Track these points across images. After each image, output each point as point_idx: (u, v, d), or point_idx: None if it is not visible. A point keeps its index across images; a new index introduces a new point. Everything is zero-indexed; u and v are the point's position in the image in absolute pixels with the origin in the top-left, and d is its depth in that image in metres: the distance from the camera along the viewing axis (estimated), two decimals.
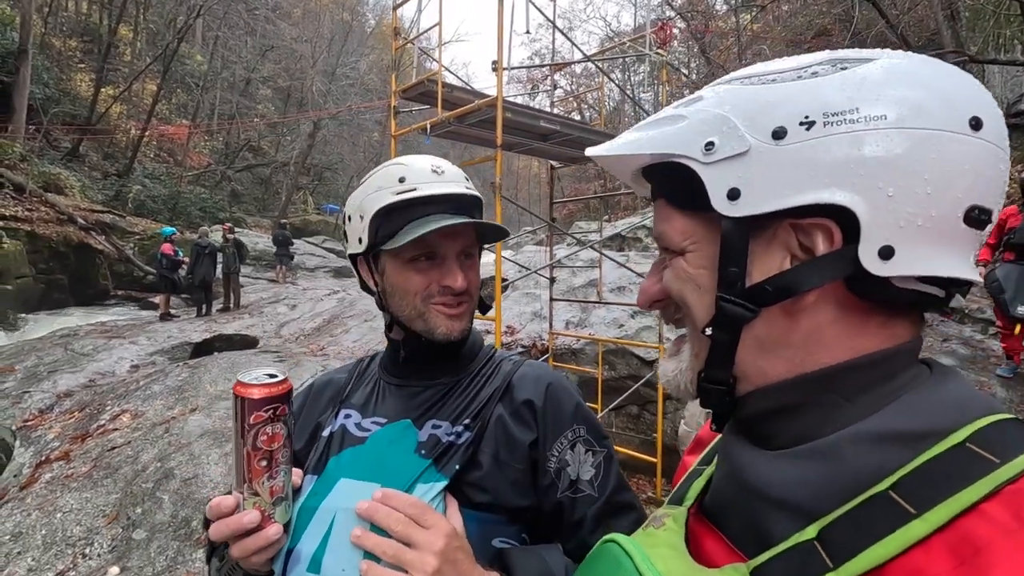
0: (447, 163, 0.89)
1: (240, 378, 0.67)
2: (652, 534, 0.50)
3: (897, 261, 0.38)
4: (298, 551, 0.71)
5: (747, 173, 0.41)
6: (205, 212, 20.91)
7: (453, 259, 0.84)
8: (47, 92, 18.42)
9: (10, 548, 3.32)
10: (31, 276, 12.63)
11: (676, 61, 25.09)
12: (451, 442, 0.79)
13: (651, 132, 0.47)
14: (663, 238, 0.48)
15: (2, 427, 4.95)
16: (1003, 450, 0.35)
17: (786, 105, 0.40)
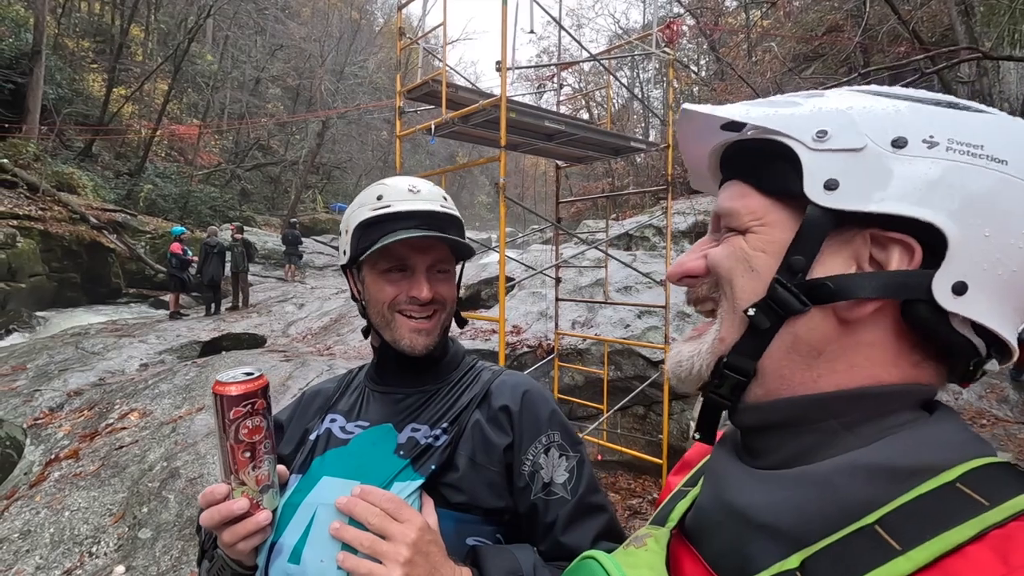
0: (426, 183, 0.95)
1: (218, 378, 0.72)
2: (633, 553, 0.50)
3: (967, 300, 0.38)
4: (281, 543, 0.75)
5: (853, 169, 0.40)
6: (215, 211, 21.09)
7: (422, 272, 0.89)
8: (60, 92, 18.64)
9: (19, 546, 3.37)
10: (44, 275, 12.81)
11: (685, 59, 24.93)
12: (429, 444, 0.83)
13: (762, 109, 0.46)
14: (730, 215, 0.47)
15: (13, 425, 5.02)
16: (992, 493, 0.35)
17: (914, 121, 0.40)
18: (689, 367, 0.48)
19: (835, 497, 0.39)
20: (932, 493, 0.36)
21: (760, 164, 0.47)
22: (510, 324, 7.58)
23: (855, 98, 0.44)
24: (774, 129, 0.44)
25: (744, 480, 0.46)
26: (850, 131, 0.41)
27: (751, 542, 0.42)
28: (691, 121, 0.51)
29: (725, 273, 0.46)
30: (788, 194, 0.44)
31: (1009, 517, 0.33)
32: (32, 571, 3.16)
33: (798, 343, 0.43)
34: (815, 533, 0.38)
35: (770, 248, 0.44)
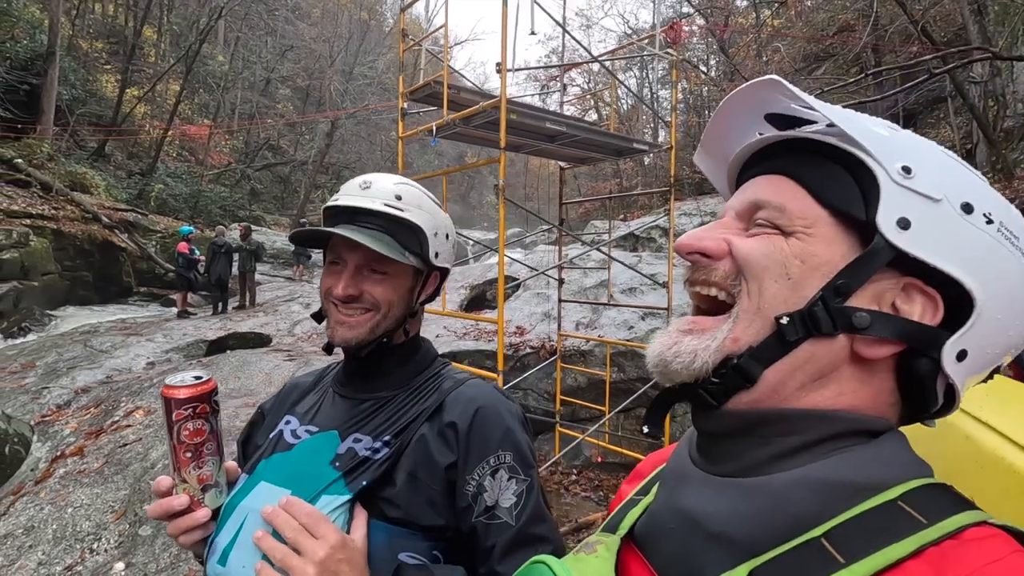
0: (386, 181, 0.93)
1: (167, 380, 0.76)
2: (583, 560, 0.50)
3: (963, 367, 0.41)
4: (215, 543, 0.77)
5: (926, 217, 0.41)
6: (225, 210, 21.27)
7: (350, 268, 0.89)
8: (74, 93, 18.89)
9: (22, 541, 3.42)
10: (57, 273, 12.99)
11: (695, 59, 24.78)
12: (367, 457, 0.82)
13: (849, 116, 0.45)
14: (779, 210, 0.45)
15: (22, 422, 5.10)
16: (930, 512, 0.36)
17: (979, 193, 0.42)
18: (690, 360, 0.45)
19: (786, 509, 0.40)
20: (876, 509, 0.37)
21: (821, 171, 0.45)
22: (514, 325, 7.58)
23: (930, 146, 0.45)
24: (864, 145, 0.43)
25: (700, 488, 0.46)
26: (932, 179, 0.42)
27: (702, 550, 0.43)
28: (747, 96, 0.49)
29: (757, 270, 0.44)
30: (847, 213, 0.43)
31: (944, 535, 0.35)
32: (34, 567, 3.20)
33: (809, 364, 0.43)
34: (765, 544, 0.39)
35: (810, 260, 0.43)
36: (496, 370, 4.17)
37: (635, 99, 18.99)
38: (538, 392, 6.51)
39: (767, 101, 0.49)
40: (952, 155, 0.45)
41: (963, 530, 0.35)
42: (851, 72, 14.42)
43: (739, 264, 0.45)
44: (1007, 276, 0.41)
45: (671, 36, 4.83)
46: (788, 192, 0.46)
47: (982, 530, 0.35)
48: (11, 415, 5.16)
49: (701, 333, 0.46)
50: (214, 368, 5.85)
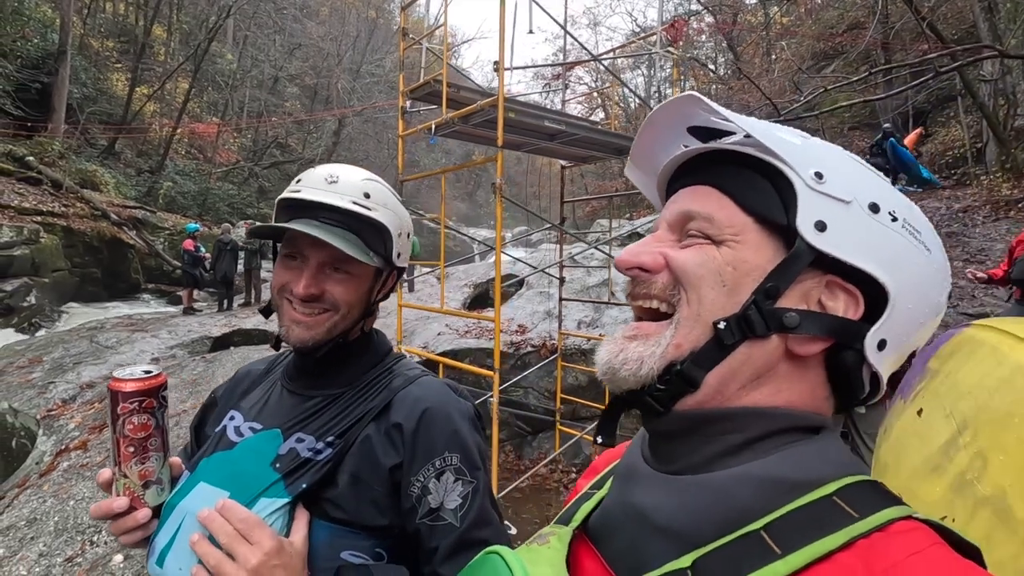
0: (353, 176, 0.90)
1: (115, 373, 0.74)
2: (535, 551, 0.51)
3: (882, 356, 0.45)
4: (154, 544, 0.76)
5: (840, 218, 0.44)
6: (233, 208, 21.43)
7: (312, 266, 0.85)
8: (85, 91, 19.11)
9: (24, 533, 3.48)
10: (67, 270, 13.16)
11: (704, 56, 24.64)
12: (308, 458, 0.80)
13: (764, 128, 0.47)
14: (708, 221, 0.47)
15: (28, 416, 5.18)
16: (862, 506, 0.39)
17: (884, 193, 0.46)
18: (637, 368, 0.47)
19: (729, 504, 0.42)
20: (812, 504, 0.39)
21: (744, 180, 0.48)
22: (515, 323, 7.59)
23: (836, 152, 0.49)
24: (779, 154, 0.46)
25: (649, 484, 0.48)
26: (842, 182, 0.45)
27: (649, 542, 0.45)
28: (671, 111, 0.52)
29: (693, 280, 0.46)
30: (770, 219, 0.46)
31: (873, 528, 0.37)
32: (36, 558, 3.26)
33: (746, 365, 0.45)
34: (708, 535, 0.41)
35: (741, 267, 0.45)
36: (494, 368, 4.19)
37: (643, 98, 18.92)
38: (538, 390, 6.52)
39: (689, 115, 0.52)
40: (857, 159, 0.49)
41: (890, 523, 0.37)
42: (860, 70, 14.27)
43: (676, 275, 0.48)
44: (914, 268, 0.45)
45: (672, 34, 4.81)
46: (715, 202, 0.48)
47: (907, 524, 0.38)
48: (18, 409, 5.24)
49: (645, 339, 0.48)
50: (217, 364, 5.91)
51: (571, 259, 7.11)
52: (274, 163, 27.46)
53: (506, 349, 6.52)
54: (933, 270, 0.46)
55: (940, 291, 0.47)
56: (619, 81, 5.48)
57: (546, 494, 5.29)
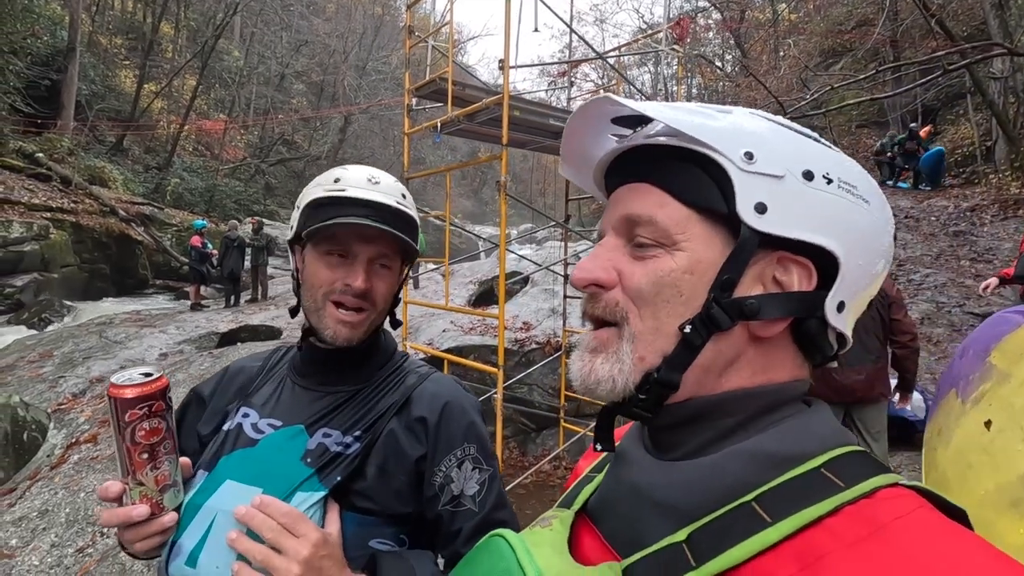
0: (388, 177, 0.93)
1: (113, 379, 0.70)
2: (538, 533, 0.53)
3: (842, 316, 0.46)
4: (180, 544, 0.76)
5: (776, 195, 0.44)
6: (240, 205, 21.54)
7: (363, 262, 0.88)
8: (93, 88, 19.24)
9: (36, 524, 3.54)
10: (76, 265, 13.29)
11: (711, 53, 24.50)
12: (338, 452, 0.83)
13: (686, 116, 0.46)
14: (653, 224, 0.46)
15: (39, 409, 5.25)
16: (848, 476, 0.40)
17: (814, 157, 0.46)
18: (611, 387, 0.47)
19: (721, 478, 0.44)
20: (801, 476, 0.41)
21: (678, 172, 0.47)
22: (520, 320, 7.61)
23: (759, 122, 0.47)
24: (704, 141, 0.45)
25: (647, 464, 0.50)
26: (771, 158, 0.44)
27: (645, 518, 0.46)
28: (589, 111, 0.51)
29: (649, 298, 0.46)
30: (710, 209, 0.45)
31: (860, 495, 0.39)
32: (48, 548, 3.32)
33: (718, 357, 0.46)
34: (702, 509, 0.43)
35: (698, 269, 0.45)
36: (499, 365, 4.21)
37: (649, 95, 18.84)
38: (543, 387, 6.54)
39: (610, 110, 0.51)
40: (781, 122, 0.48)
41: (877, 491, 0.39)
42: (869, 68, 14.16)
43: (630, 295, 0.47)
44: (857, 226, 0.45)
45: (677, 32, 4.80)
46: (654, 200, 0.47)
47: (894, 490, 0.39)
48: (29, 403, 5.31)
49: (605, 351, 0.48)
50: (225, 360, 5.96)
51: (576, 256, 7.12)
52: (280, 160, 27.55)
53: (510, 346, 6.55)
54: (874, 219, 0.46)
55: (886, 237, 0.48)
56: (624, 79, 5.47)
57: (549, 491, 5.31)
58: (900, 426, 3.85)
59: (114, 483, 0.73)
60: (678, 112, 0.47)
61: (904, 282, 7.45)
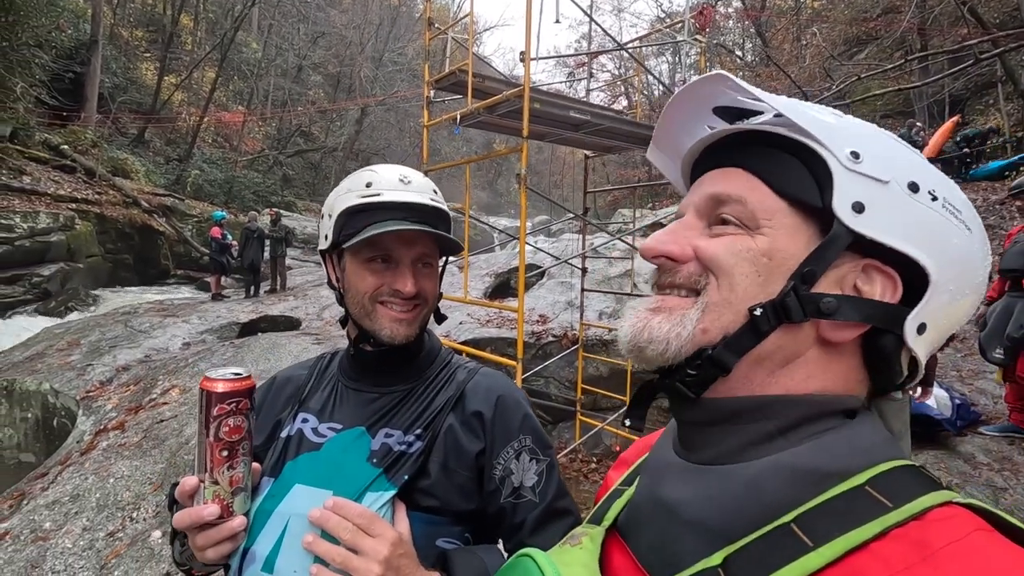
0: (417, 174, 0.93)
1: (207, 373, 0.72)
2: (568, 552, 0.52)
3: (922, 340, 0.44)
4: (253, 551, 0.76)
5: (878, 199, 0.42)
6: (258, 196, 21.77)
7: (407, 265, 0.88)
8: (115, 81, 19.53)
9: (69, 508, 3.64)
10: (100, 255, 13.57)
11: (731, 42, 24.09)
12: (402, 451, 0.83)
13: (797, 106, 0.46)
14: (742, 203, 0.46)
15: (68, 396, 5.40)
16: (896, 495, 0.37)
17: (923, 171, 0.44)
18: (664, 347, 0.46)
19: (759, 496, 0.41)
20: (844, 495, 0.39)
21: (776, 162, 0.46)
22: (537, 313, 7.61)
23: (871, 129, 0.47)
24: (813, 134, 0.44)
25: (678, 477, 0.48)
26: (879, 162, 0.43)
27: (679, 538, 0.45)
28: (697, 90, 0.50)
29: (726, 268, 0.45)
30: (803, 202, 0.45)
31: (908, 517, 0.36)
32: (80, 532, 3.42)
33: (778, 351, 0.44)
34: (739, 530, 0.41)
35: (777, 255, 0.44)
36: (516, 358, 4.22)
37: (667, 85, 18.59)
38: (559, 380, 6.55)
39: (715, 95, 0.50)
40: (893, 136, 0.47)
41: (928, 511, 0.36)
42: (895, 56, 13.80)
43: (707, 265, 0.46)
44: (955, 249, 0.43)
45: (700, 22, 4.73)
46: (746, 184, 0.46)
47: (947, 510, 0.36)
48: (59, 390, 5.46)
49: (669, 313, 0.47)
50: (246, 350, 6.06)
51: (593, 250, 7.09)
52: (298, 151, 27.76)
53: (527, 339, 6.55)
54: (974, 249, 0.44)
55: (981, 271, 0.45)
56: (644, 69, 5.40)
57: (566, 483, 5.33)
58: (924, 423, 3.79)
59: (190, 478, 0.73)
60: (791, 102, 0.46)
61: None
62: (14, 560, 3.18)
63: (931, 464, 3.65)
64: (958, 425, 3.92)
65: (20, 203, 12.15)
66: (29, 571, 3.10)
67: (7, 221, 11.34)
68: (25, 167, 13.39)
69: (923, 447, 3.82)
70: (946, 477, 3.48)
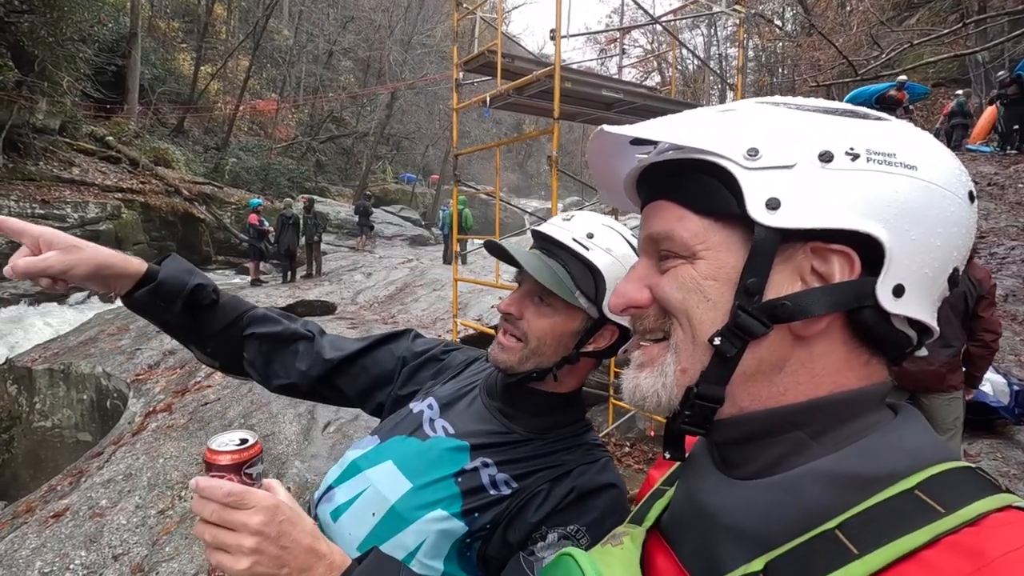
0: (591, 218, 0.89)
1: (210, 444, 0.64)
2: (609, 552, 0.51)
3: (905, 301, 0.41)
4: (335, 492, 0.84)
5: (790, 186, 0.41)
6: (293, 182, 22.20)
7: (523, 291, 0.89)
8: (155, 72, 20.08)
9: (122, 486, 3.83)
10: (146, 243, 14.10)
11: (769, 12, 23.07)
12: (483, 485, 0.82)
13: (682, 127, 0.45)
14: (671, 239, 0.46)
15: (119, 379, 5.65)
16: (949, 500, 0.35)
17: (833, 133, 0.42)
18: (656, 401, 0.47)
19: (800, 502, 0.40)
20: (891, 500, 0.37)
21: (689, 184, 0.46)
22: None
23: (768, 111, 0.45)
24: (701, 147, 0.43)
25: (715, 484, 0.47)
26: (779, 147, 0.42)
27: (719, 543, 0.44)
28: (600, 140, 0.51)
29: (679, 305, 0.45)
30: (726, 214, 0.43)
31: (963, 523, 0.34)
32: (133, 509, 3.59)
33: (761, 364, 0.43)
34: (780, 536, 0.40)
35: (720, 274, 0.44)
36: None
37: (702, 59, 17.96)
38: None
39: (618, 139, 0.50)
40: (794, 103, 0.45)
41: (985, 516, 0.34)
42: (949, 20, 12.96)
43: (663, 305, 0.47)
44: (898, 198, 0.40)
45: None
46: (672, 216, 0.46)
47: (1006, 515, 0.34)
48: (111, 373, 5.73)
49: (651, 366, 0.48)
50: None
51: None
52: (330, 137, 28.11)
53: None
54: (923, 185, 0.40)
55: (948, 199, 0.41)
56: (679, 42, 5.20)
57: None
58: (979, 411, 3.61)
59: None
60: (673, 125, 0.46)
61: (986, 256, 6.90)
62: (74, 535, 3.36)
63: (987, 454, 3.48)
64: (1016, 413, 3.72)
65: (71, 193, 12.71)
66: (88, 546, 3.28)
67: (60, 211, 11.88)
68: (74, 159, 13.97)
69: (978, 436, 3.64)
70: (1002, 468, 3.31)
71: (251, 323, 0.99)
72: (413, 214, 24.04)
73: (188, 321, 0.93)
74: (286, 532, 0.61)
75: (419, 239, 20.45)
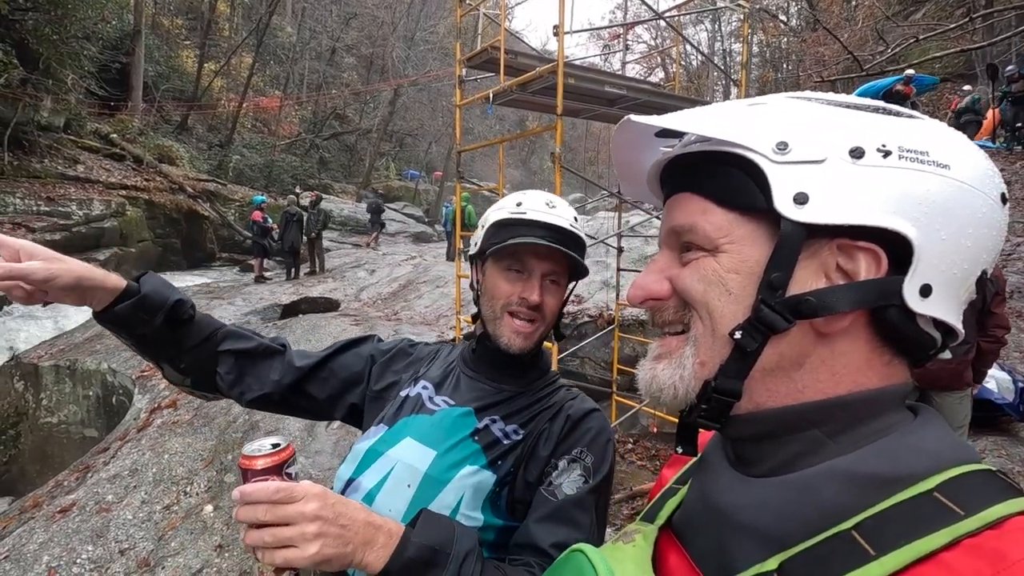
0: (562, 202, 1.03)
1: (244, 451, 0.67)
2: (620, 549, 0.51)
3: (932, 301, 0.40)
4: (359, 482, 0.90)
5: (819, 182, 0.40)
6: (296, 179, 22.20)
7: (537, 277, 0.97)
8: (158, 69, 20.08)
9: (128, 482, 3.86)
10: (150, 240, 14.16)
11: (774, 6, 22.91)
12: (499, 438, 0.94)
13: (712, 118, 0.45)
14: (694, 232, 0.46)
15: (124, 375, 5.68)
16: (968, 502, 0.35)
17: (865, 129, 0.41)
18: (673, 393, 0.47)
19: (816, 502, 0.40)
20: (909, 501, 0.37)
21: (715, 177, 0.45)
22: (572, 293, 7.55)
23: (799, 106, 0.44)
24: (731, 140, 0.43)
25: (730, 482, 0.47)
26: (809, 142, 0.41)
27: (732, 542, 0.44)
28: (625, 131, 0.50)
29: (700, 298, 0.45)
30: (751, 208, 0.43)
31: (983, 526, 0.34)
32: (139, 504, 3.62)
33: (781, 359, 0.43)
34: (795, 536, 0.39)
35: (744, 268, 0.43)
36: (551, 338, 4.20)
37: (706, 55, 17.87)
38: (595, 361, 6.51)
39: (647, 129, 0.49)
40: (827, 99, 0.44)
41: (1006, 520, 0.34)
42: (955, 15, 12.84)
43: (683, 298, 0.47)
44: (930, 196, 0.39)
45: None
46: (695, 209, 0.46)
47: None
48: (116, 369, 5.76)
49: (669, 357, 0.48)
50: (288, 331, 6.23)
51: (629, 228, 6.95)
52: (333, 134, 28.09)
53: (562, 319, 6.52)
54: (957, 185, 0.39)
55: (981, 200, 0.40)
56: (683, 38, 5.17)
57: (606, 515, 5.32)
58: (984, 408, 3.59)
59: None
60: (701, 116, 0.45)
61: None
62: (81, 529, 3.39)
63: (992, 451, 3.47)
64: (1021, 410, 3.70)
65: (75, 191, 12.74)
66: (95, 540, 3.31)
67: (65, 208, 11.92)
68: (78, 156, 14.00)
69: (983, 433, 3.63)
70: (1007, 465, 3.30)
71: (225, 339, 1.04)
72: (416, 211, 24.06)
73: (167, 335, 0.96)
74: (342, 512, 0.66)
75: (422, 236, 20.47)
